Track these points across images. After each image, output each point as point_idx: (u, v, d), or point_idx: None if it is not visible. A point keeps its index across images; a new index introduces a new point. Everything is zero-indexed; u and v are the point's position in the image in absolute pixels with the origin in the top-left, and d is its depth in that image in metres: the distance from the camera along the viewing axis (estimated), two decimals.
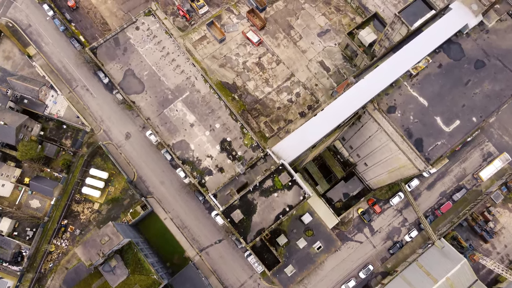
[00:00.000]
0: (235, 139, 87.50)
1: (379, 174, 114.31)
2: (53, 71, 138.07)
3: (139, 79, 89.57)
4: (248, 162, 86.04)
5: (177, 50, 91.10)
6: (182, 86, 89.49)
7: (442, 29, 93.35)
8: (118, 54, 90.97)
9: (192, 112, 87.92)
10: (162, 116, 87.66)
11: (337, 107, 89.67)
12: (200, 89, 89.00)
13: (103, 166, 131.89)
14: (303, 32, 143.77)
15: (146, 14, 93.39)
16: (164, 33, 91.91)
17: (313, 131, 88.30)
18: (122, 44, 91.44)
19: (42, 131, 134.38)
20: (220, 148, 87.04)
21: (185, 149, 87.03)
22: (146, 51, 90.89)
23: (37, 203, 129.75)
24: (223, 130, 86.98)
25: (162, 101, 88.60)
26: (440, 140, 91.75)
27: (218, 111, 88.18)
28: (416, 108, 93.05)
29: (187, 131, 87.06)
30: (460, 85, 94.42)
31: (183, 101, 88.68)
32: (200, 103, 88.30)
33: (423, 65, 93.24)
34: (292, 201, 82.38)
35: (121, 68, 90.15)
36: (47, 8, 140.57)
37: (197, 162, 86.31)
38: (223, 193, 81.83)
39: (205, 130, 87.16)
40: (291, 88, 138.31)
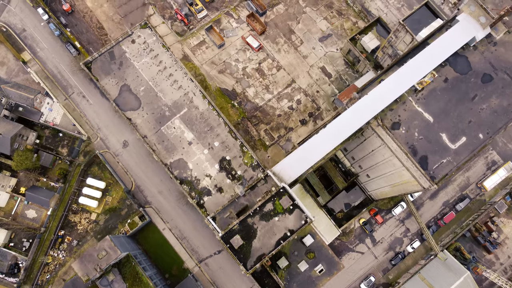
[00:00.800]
0: (234, 158, 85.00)
1: (382, 187, 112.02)
2: (49, 77, 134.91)
3: (135, 95, 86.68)
4: (248, 181, 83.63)
5: (175, 64, 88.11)
6: (180, 102, 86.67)
7: (449, 42, 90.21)
8: (114, 68, 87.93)
9: (190, 130, 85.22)
10: (159, 134, 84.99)
11: (340, 124, 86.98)
12: (199, 105, 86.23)
13: (100, 176, 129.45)
14: (304, 36, 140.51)
15: (142, 26, 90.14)
16: (161, 47, 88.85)
17: (315, 149, 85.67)
18: (118, 58, 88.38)
19: (38, 139, 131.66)
20: (219, 167, 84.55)
21: (183, 168, 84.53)
22: (143, 65, 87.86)
23: (33, 213, 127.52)
24: (222, 148, 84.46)
25: (159, 118, 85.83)
26: (446, 158, 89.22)
27: (217, 129, 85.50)
28: (421, 124, 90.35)
29: (185, 150, 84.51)
30: (466, 100, 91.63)
31: (180, 118, 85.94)
32: (199, 120, 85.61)
33: (428, 80, 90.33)
34: (293, 226, 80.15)
35: (117, 84, 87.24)
36: (42, 12, 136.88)
37: (196, 181, 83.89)
38: (222, 216, 79.52)
39: (204, 149, 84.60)
40: (292, 95, 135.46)
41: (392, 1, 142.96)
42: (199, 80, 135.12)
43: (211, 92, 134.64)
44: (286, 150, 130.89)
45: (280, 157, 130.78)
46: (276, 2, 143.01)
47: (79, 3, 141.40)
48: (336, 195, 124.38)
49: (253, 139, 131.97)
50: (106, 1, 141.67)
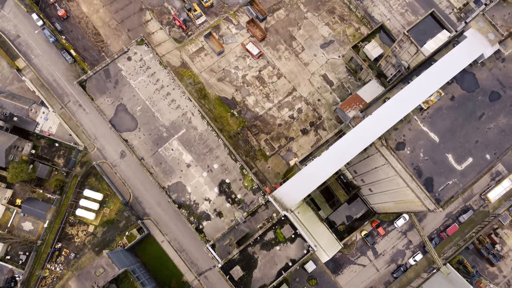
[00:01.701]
0: (234, 181, 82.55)
1: (385, 202, 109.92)
2: (44, 86, 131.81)
3: (132, 115, 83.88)
4: (248, 205, 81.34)
5: (172, 83, 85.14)
6: (178, 122, 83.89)
7: (457, 60, 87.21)
8: (109, 87, 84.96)
9: (189, 152, 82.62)
10: (157, 156, 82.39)
11: (342, 146, 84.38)
12: (197, 126, 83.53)
13: (97, 187, 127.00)
14: (305, 43, 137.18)
15: (138, 43, 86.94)
16: (158, 64, 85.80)
17: (317, 172, 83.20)
18: (113, 76, 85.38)
19: (34, 150, 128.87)
20: (218, 191, 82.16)
21: (182, 191, 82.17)
22: (139, 84, 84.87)
23: (29, 226, 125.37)
24: (222, 171, 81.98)
25: (156, 139, 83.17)
26: (452, 180, 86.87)
27: (216, 150, 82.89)
28: (427, 145, 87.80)
29: (183, 172, 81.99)
30: (473, 119, 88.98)
31: (179, 139, 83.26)
32: (197, 142, 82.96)
33: (434, 99, 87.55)
34: (295, 255, 77.95)
35: (113, 103, 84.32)
36: (36, 17, 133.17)
37: (194, 205, 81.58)
38: (221, 243, 77.41)
39: (203, 171, 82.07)
40: (293, 104, 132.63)
41: (396, 6, 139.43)
42: (198, 88, 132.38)
43: (210, 100, 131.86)
44: (287, 161, 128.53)
45: (281, 167, 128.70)
46: (276, 7, 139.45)
47: (75, 8, 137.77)
48: (337, 208, 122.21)
49: (253, 149, 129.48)
50: (102, 6, 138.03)
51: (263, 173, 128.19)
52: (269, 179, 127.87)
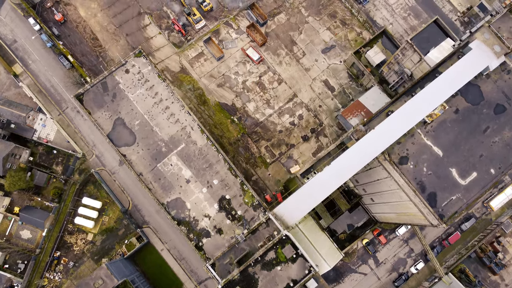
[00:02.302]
0: (234, 197, 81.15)
1: (387, 212, 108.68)
2: (41, 91, 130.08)
3: (130, 129, 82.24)
4: (248, 222, 79.99)
5: (171, 96, 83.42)
6: (177, 137, 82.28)
7: (462, 72, 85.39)
8: (107, 101, 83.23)
9: (188, 167, 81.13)
10: (156, 171, 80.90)
11: (345, 162, 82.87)
12: (197, 140, 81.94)
13: (96, 195, 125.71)
14: (306, 48, 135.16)
15: (136, 55, 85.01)
16: (157, 77, 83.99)
17: (319, 188, 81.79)
18: (111, 89, 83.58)
19: (32, 157, 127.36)
20: (218, 207, 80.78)
21: (181, 208, 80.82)
22: (137, 97, 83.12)
23: (28, 234, 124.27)
24: (222, 186, 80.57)
25: (155, 154, 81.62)
26: (455, 195, 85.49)
27: (216, 165, 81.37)
28: (430, 159, 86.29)
29: (182, 188, 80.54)
30: (478, 132, 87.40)
31: (178, 154, 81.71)
32: (197, 157, 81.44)
33: (438, 113, 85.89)
34: (296, 275, 76.75)
35: (110, 117, 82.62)
36: (33, 22, 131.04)
37: (194, 222, 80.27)
38: (222, 262, 76.24)
39: (202, 187, 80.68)
40: (294, 110, 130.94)
41: (398, 10, 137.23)
42: (197, 94, 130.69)
43: (210, 107, 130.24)
44: (288, 168, 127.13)
45: (281, 174, 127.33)
46: (277, 11, 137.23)
47: (72, 12, 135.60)
48: (338, 217, 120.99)
49: (253, 156, 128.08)
50: (100, 10, 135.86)
51: (263, 180, 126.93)
52: (269, 186, 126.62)
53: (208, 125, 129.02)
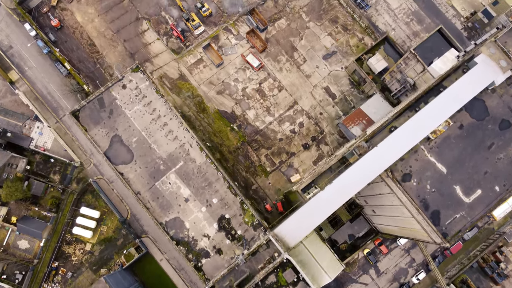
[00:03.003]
0: (234, 216, 79.58)
1: (389, 225, 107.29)
2: (38, 99, 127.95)
3: (127, 146, 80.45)
4: (248, 242, 78.50)
5: (169, 112, 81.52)
6: (176, 154, 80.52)
7: (467, 87, 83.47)
8: (103, 117, 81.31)
9: (187, 185, 79.49)
10: (154, 190, 79.23)
11: (347, 180, 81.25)
12: (196, 158, 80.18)
13: (94, 204, 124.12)
14: (307, 54, 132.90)
15: (133, 70, 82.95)
16: (155, 92, 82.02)
17: (320, 208, 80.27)
18: (108, 105, 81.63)
19: (29, 165, 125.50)
20: (218, 227, 79.23)
21: (180, 227, 79.27)
22: (135, 113, 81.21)
23: (25, 244, 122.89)
24: (221, 205, 78.99)
25: (153, 172, 79.90)
26: (459, 213, 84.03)
27: (216, 184, 79.70)
28: (434, 176, 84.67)
29: (181, 207, 78.96)
30: (482, 149, 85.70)
31: (176, 172, 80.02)
32: (196, 175, 79.75)
33: (443, 129, 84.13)
34: None
35: (107, 134, 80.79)
36: (29, 28, 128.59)
37: (193, 242, 78.78)
38: (221, 284, 74.95)
39: (201, 206, 79.09)
40: (294, 118, 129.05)
41: (401, 15, 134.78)
42: (196, 101, 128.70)
43: (209, 114, 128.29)
44: (288, 177, 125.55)
45: (282, 183, 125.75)
46: (277, 16, 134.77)
47: (69, 17, 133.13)
48: (339, 228, 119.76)
49: (253, 164, 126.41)
50: (97, 15, 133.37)
51: (263, 189, 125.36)
52: (269, 195, 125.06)
53: (208, 133, 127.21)
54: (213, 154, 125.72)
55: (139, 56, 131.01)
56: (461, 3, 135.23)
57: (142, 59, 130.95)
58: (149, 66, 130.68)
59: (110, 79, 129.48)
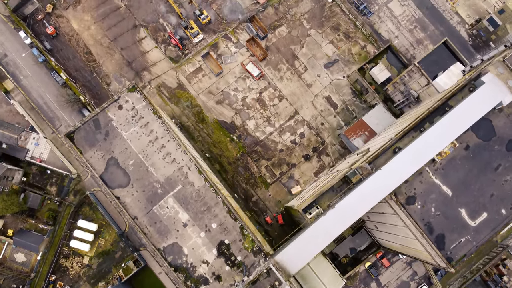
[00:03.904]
0: (234, 242, 77.66)
1: (391, 241, 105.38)
2: (34, 108, 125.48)
3: (124, 169, 78.24)
4: (249, 268, 76.60)
5: (167, 134, 79.10)
6: (174, 178, 78.38)
7: (474, 107, 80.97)
8: (99, 139, 78.97)
9: (185, 210, 77.48)
10: (151, 215, 77.27)
11: (350, 204, 79.12)
12: (194, 181, 78.09)
13: (92, 216, 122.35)
14: (308, 62, 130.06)
15: (129, 90, 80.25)
16: (152, 113, 79.51)
17: (323, 233, 78.18)
18: (103, 127, 79.21)
19: (25, 177, 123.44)
20: (217, 253, 77.34)
21: (178, 253, 77.43)
22: (131, 135, 78.84)
23: (22, 257, 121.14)
24: (221, 230, 77.06)
25: (150, 196, 77.87)
26: (465, 236, 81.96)
27: (215, 208, 77.69)
28: (439, 199, 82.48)
29: (179, 232, 77.03)
30: (489, 170, 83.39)
31: (174, 196, 77.93)
32: (194, 199, 77.71)
33: (448, 151, 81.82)
34: None
35: (103, 157, 78.51)
36: (24, 35, 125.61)
37: (192, 269, 76.96)
38: None
39: (200, 231, 77.13)
40: (295, 128, 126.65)
41: (404, 22, 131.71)
42: (195, 111, 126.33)
43: (209, 125, 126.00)
44: (289, 188, 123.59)
45: (282, 195, 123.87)
46: (278, 23, 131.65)
47: (64, 25, 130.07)
48: (341, 242, 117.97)
49: (253, 176, 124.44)
50: (93, 23, 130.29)
51: (263, 201, 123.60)
52: (270, 207, 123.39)
53: (207, 143, 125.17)
54: (212, 165, 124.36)
55: (137, 65, 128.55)
56: (466, 10, 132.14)
57: (139, 67, 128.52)
58: (146, 75, 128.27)
59: (107, 88, 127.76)
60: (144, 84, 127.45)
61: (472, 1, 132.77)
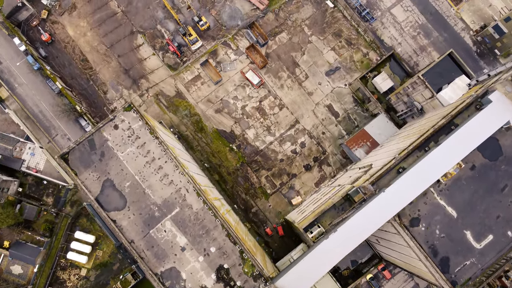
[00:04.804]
0: (233, 266, 75.73)
1: (393, 257, 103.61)
2: (29, 117, 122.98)
3: (120, 191, 76.01)
4: None
5: (164, 155, 76.76)
6: (171, 200, 76.25)
7: (481, 127, 78.61)
8: (94, 160, 76.65)
9: (183, 233, 75.44)
10: (148, 239, 75.23)
11: (353, 228, 77.09)
12: (192, 204, 75.99)
13: (89, 228, 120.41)
14: (309, 70, 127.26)
15: (125, 109, 77.74)
16: (148, 133, 77.14)
17: (325, 258, 76.32)
18: (99, 147, 76.83)
19: (21, 187, 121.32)
20: (216, 277, 75.46)
21: (176, 278, 75.50)
22: (128, 156, 76.50)
23: (19, 269, 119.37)
24: (220, 255, 75.14)
25: (147, 220, 75.76)
26: (470, 259, 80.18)
27: (214, 231, 75.66)
28: (444, 220, 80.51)
29: (177, 257, 75.10)
30: (495, 191, 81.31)
31: (172, 219, 75.84)
32: (193, 222, 75.63)
33: (454, 172, 79.64)
34: None
35: (98, 178, 76.26)
36: (19, 42, 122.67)
37: None
38: None
39: (199, 255, 75.20)
40: (295, 137, 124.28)
41: (407, 28, 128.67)
42: (194, 120, 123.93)
43: (208, 134, 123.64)
44: (289, 199, 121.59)
45: (282, 206, 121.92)
46: (278, 30, 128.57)
47: (60, 31, 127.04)
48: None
49: (253, 186, 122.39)
50: (89, 29, 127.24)
51: (263, 212, 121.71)
52: (270, 218, 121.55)
53: (206, 153, 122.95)
54: (211, 175, 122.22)
55: (134, 73, 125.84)
56: (471, 15, 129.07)
57: (137, 75, 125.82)
58: (144, 83, 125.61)
59: (104, 96, 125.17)
60: (142, 92, 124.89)
61: (477, 7, 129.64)
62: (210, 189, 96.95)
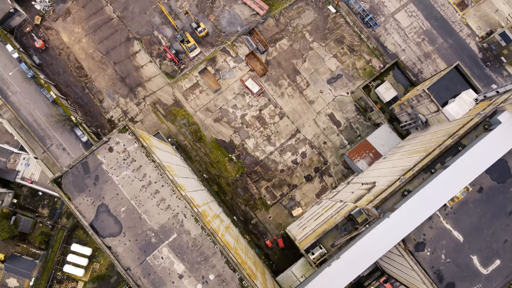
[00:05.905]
0: None
1: (397, 274, 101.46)
2: (23, 127, 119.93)
3: (115, 217, 73.42)
4: None
5: (161, 179, 73.94)
6: (168, 226, 73.68)
7: (489, 150, 75.83)
8: (88, 184, 73.86)
9: (181, 260, 73.04)
10: (145, 266, 72.81)
11: (356, 254, 74.71)
12: (190, 229, 73.44)
13: (85, 240, 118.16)
14: (310, 78, 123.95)
15: (120, 130, 74.64)
16: (144, 156, 74.17)
17: (327, 286, 74.03)
18: (93, 170, 74.00)
19: (15, 199, 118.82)
20: None
21: None
22: (123, 180, 73.75)
23: (14, 282, 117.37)
24: (219, 282, 72.78)
25: (144, 246, 73.27)
26: (476, 285, 77.81)
27: (212, 258, 73.24)
28: (450, 245, 78.03)
29: (175, 284, 72.73)
30: (503, 215, 78.70)
31: (169, 245, 73.32)
32: (190, 248, 73.16)
33: (461, 196, 77.01)
34: None
35: (93, 203, 73.58)
36: (11, 49, 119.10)
37: None
38: None
39: (197, 283, 72.85)
40: (296, 147, 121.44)
41: (412, 35, 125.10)
42: (192, 129, 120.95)
43: (206, 144, 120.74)
44: (289, 210, 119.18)
45: (283, 217, 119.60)
46: (279, 36, 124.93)
47: (54, 38, 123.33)
48: None
49: (253, 197, 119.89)
50: (84, 35, 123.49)
51: (263, 224, 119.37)
52: (270, 230, 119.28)
53: (204, 163, 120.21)
54: (210, 186, 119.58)
55: (131, 80, 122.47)
56: (477, 21, 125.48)
57: (133, 83, 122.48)
58: (141, 91, 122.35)
59: (99, 105, 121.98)
60: (139, 100, 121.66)
61: (483, 12, 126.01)
62: (209, 205, 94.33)
